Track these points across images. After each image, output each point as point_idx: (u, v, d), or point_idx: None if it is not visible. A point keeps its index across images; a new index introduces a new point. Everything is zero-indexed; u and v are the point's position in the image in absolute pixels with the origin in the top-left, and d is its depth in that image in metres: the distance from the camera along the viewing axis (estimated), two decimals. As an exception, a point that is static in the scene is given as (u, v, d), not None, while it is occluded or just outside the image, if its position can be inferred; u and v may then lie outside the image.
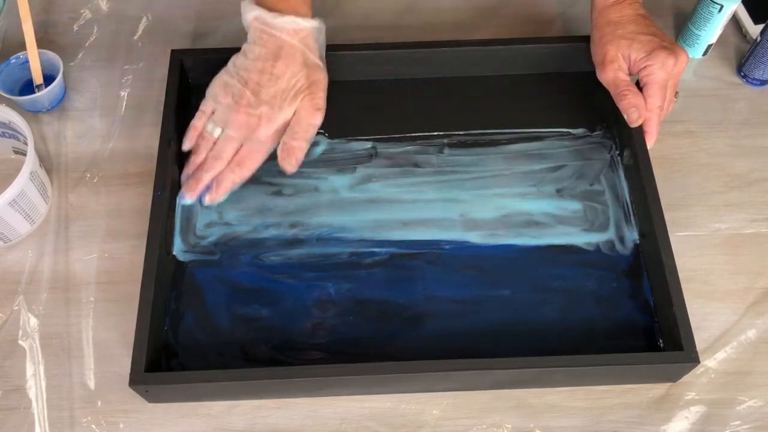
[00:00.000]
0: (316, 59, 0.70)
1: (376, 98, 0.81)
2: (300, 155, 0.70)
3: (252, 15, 0.69)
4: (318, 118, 0.70)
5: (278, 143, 0.71)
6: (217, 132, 0.69)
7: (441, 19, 0.89)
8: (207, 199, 0.70)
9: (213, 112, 0.70)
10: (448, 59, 0.80)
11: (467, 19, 0.90)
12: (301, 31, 0.68)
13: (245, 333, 0.68)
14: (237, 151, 0.70)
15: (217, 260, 0.71)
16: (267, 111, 0.68)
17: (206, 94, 0.71)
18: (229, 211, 0.74)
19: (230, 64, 0.70)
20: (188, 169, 0.71)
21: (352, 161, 0.77)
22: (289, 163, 0.70)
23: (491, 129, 0.78)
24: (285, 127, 0.70)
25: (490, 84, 0.81)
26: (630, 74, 0.72)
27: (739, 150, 0.79)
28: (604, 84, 0.73)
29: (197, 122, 0.71)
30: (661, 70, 0.69)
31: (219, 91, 0.70)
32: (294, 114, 0.69)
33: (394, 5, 0.91)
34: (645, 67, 0.70)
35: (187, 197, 0.71)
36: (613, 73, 0.71)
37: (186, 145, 0.72)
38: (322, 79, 0.70)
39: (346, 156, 0.77)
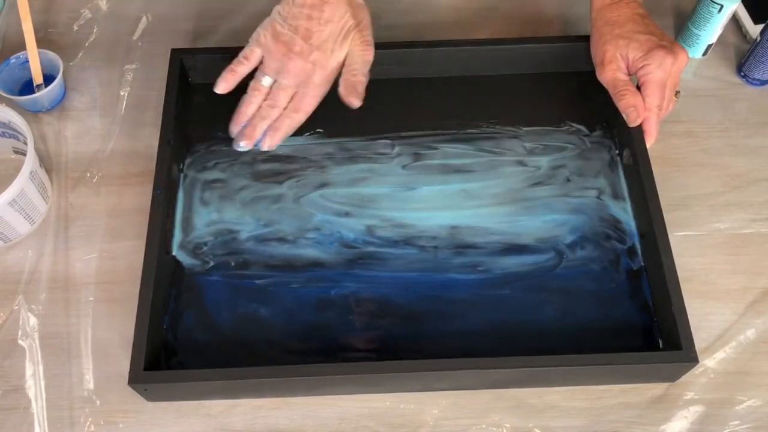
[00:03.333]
0: None
1: (375, 97, 0.80)
2: (361, 89, 0.70)
3: None
4: (370, 54, 0.70)
5: (328, 86, 0.71)
6: (268, 81, 0.70)
7: (441, 18, 0.89)
8: (265, 146, 0.71)
9: (260, 63, 0.70)
10: (447, 59, 0.80)
11: (467, 19, 0.90)
12: None
13: (245, 332, 0.68)
14: (291, 98, 0.70)
15: (216, 259, 0.71)
16: (320, 56, 0.68)
17: (251, 42, 0.70)
18: (229, 210, 0.74)
19: (275, 14, 0.69)
20: (239, 119, 0.71)
21: (350, 160, 0.77)
22: (355, 97, 0.70)
23: (491, 128, 0.79)
24: (338, 70, 0.70)
25: (489, 84, 0.81)
26: (629, 74, 0.72)
27: (739, 150, 0.79)
28: (603, 84, 0.73)
29: (238, 67, 0.70)
30: (658, 69, 0.69)
31: (268, 40, 0.69)
32: (347, 54, 0.69)
33: (394, 5, 0.91)
34: (643, 66, 0.70)
35: (243, 144, 0.71)
36: (611, 73, 0.71)
37: (221, 87, 0.71)
38: (366, 16, 0.70)
39: (344, 155, 0.77)
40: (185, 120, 0.79)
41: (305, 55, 0.68)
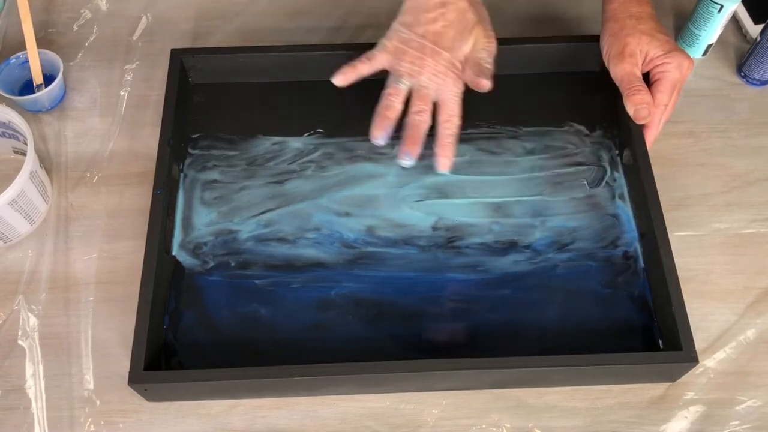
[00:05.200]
0: None
1: (375, 97, 0.81)
2: (489, 74, 0.71)
3: None
4: (494, 45, 0.72)
5: (462, 84, 0.71)
6: (406, 85, 0.71)
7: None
8: (446, 168, 0.71)
9: (391, 69, 0.71)
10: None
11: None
12: None
13: (244, 332, 0.68)
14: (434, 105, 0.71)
15: (216, 259, 0.71)
16: (451, 56, 0.70)
17: (375, 49, 0.72)
18: (229, 210, 0.74)
19: (396, 26, 0.71)
20: (383, 123, 0.71)
21: (350, 160, 0.77)
22: (485, 78, 0.70)
23: (491, 128, 0.79)
24: (466, 62, 0.71)
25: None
26: (642, 71, 0.72)
27: (739, 150, 0.79)
28: (616, 76, 0.72)
29: (360, 65, 0.71)
30: (676, 69, 0.70)
31: (397, 47, 0.70)
32: (472, 46, 0.71)
33: (394, 5, 0.91)
34: (662, 64, 0.70)
35: (410, 162, 0.71)
36: (629, 68, 0.71)
37: (339, 80, 0.72)
38: (485, 12, 0.72)
39: (344, 155, 0.77)
40: (185, 120, 0.79)
41: (438, 56, 0.69)
